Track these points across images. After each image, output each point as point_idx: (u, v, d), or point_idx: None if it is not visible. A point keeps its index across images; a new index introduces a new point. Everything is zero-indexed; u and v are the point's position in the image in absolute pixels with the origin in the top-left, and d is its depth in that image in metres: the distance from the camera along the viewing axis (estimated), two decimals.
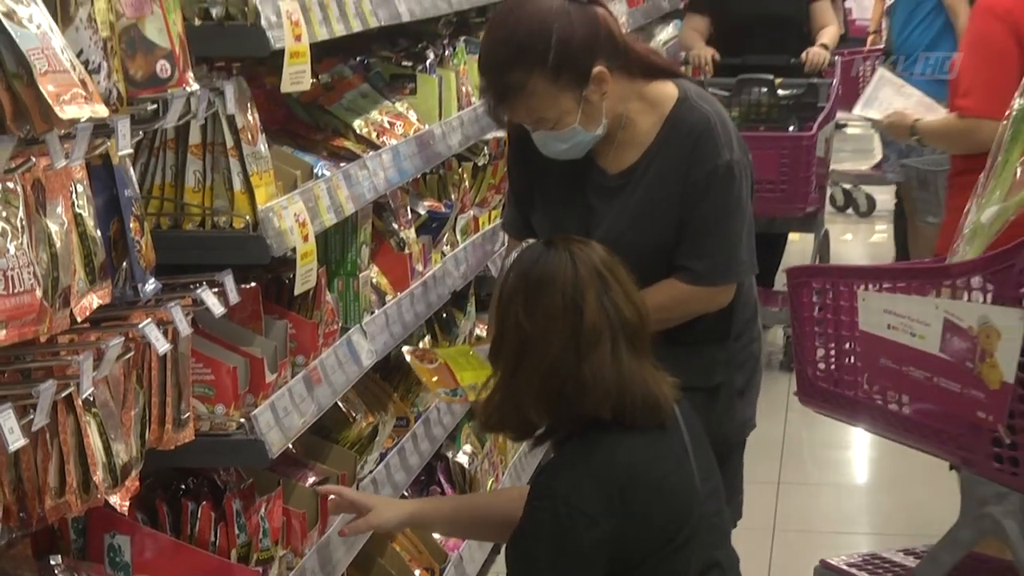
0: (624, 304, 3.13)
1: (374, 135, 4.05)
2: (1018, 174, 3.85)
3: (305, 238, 3.34)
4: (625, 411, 3.11)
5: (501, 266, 3.44)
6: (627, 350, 3.11)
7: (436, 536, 4.55)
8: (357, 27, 3.72)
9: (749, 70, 7.79)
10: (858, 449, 7.26)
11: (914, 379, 3.93)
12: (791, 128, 7.58)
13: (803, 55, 8.22)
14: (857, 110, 5.73)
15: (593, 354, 3.08)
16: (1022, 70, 4.77)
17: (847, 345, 4.20)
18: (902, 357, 3.95)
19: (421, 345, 4.57)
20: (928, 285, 3.94)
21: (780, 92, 7.58)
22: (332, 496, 3.44)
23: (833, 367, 4.28)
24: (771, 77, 7.63)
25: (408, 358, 3.85)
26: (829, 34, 8.37)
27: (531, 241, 3.44)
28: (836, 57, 8.37)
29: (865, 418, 4.28)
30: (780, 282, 8.61)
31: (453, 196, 4.85)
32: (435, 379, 3.70)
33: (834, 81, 8.07)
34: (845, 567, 4.75)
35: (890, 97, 5.42)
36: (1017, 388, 3.68)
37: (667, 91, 3.59)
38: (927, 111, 5.33)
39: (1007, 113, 4.00)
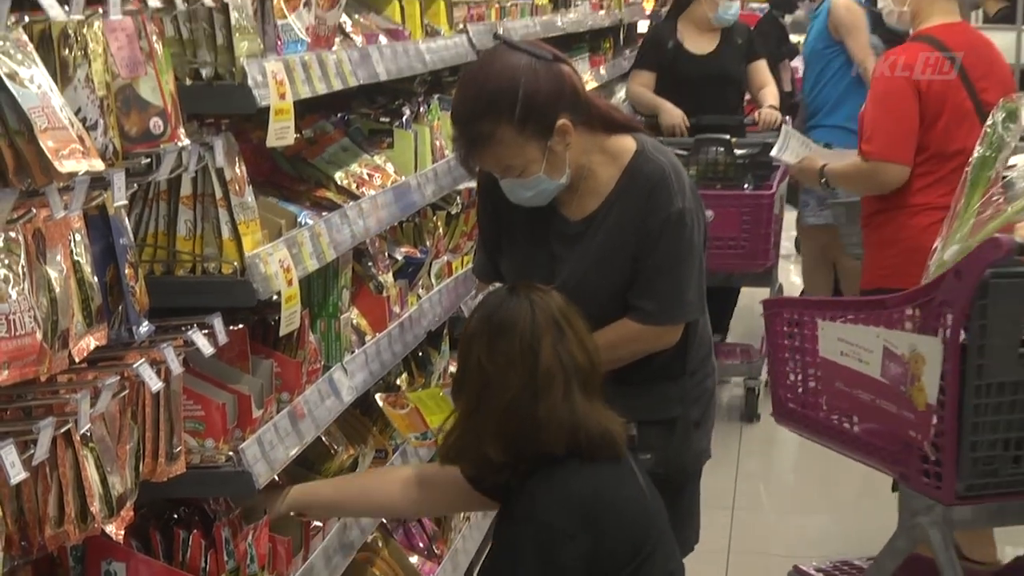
0: (577, 351, 3.19)
1: (354, 186, 4.05)
2: (977, 216, 4.02)
3: (289, 283, 3.33)
4: (581, 446, 3.16)
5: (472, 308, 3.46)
6: (579, 392, 3.17)
7: (413, 560, 4.54)
8: (338, 86, 3.72)
9: (703, 130, 7.71)
10: (808, 476, 7.28)
11: (862, 401, 4.18)
12: (746, 186, 7.47)
13: (756, 114, 8.20)
14: (773, 153, 5.79)
15: (548, 396, 3.14)
16: (920, 119, 5.04)
17: (811, 370, 4.46)
18: (853, 381, 4.20)
19: (398, 382, 4.57)
20: (872, 316, 4.16)
21: (736, 151, 7.48)
22: None
23: (800, 390, 4.55)
24: (728, 137, 7.53)
25: (381, 404, 3.87)
26: (773, 94, 8.36)
27: (497, 285, 3.46)
28: (787, 117, 8.35)
29: (825, 436, 4.52)
30: (735, 334, 8.65)
31: (428, 243, 4.84)
32: (406, 423, 3.71)
33: None
34: (814, 572, 5.10)
35: (797, 147, 5.52)
36: (939, 409, 3.90)
37: (626, 144, 3.61)
38: (835, 158, 5.44)
39: (968, 160, 4.17)
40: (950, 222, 4.22)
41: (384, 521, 4.40)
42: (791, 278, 10.45)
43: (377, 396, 3.94)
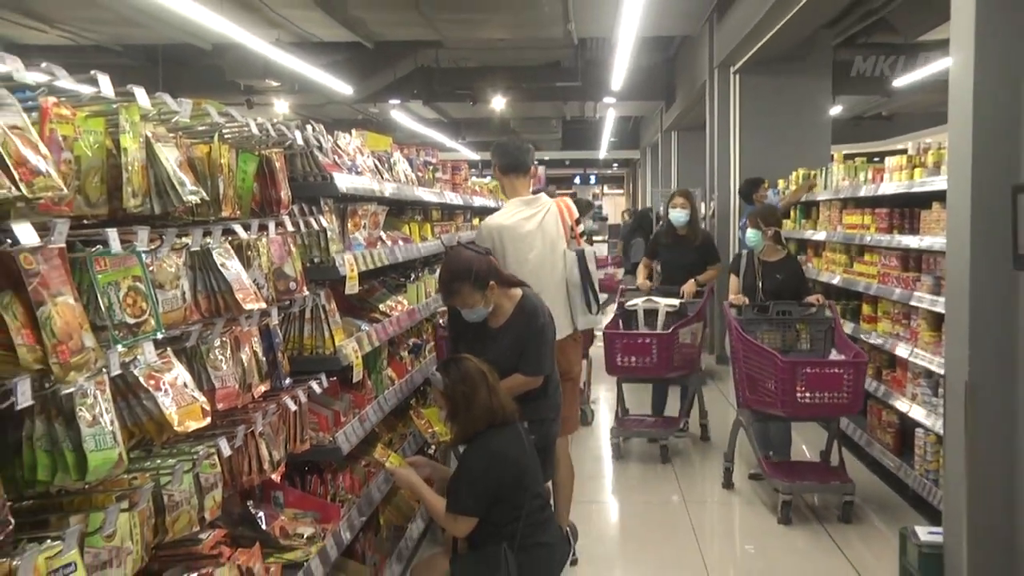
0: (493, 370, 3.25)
1: (388, 311, 4.06)
2: None
3: (357, 357, 3.34)
4: (502, 416, 3.16)
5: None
6: (500, 389, 3.21)
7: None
8: (379, 264, 3.75)
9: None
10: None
11: None
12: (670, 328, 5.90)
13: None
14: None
15: (495, 392, 3.18)
16: None
17: None
18: None
19: (413, 403, 4.55)
20: None
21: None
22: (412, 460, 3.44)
23: None
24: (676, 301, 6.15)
25: (411, 413, 3.87)
26: (707, 274, 6.45)
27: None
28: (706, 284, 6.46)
29: None
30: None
31: (423, 336, 4.85)
32: (422, 426, 3.69)
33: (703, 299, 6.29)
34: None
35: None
36: None
37: (517, 292, 3.66)
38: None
39: None
40: None
41: None
42: None
43: (410, 411, 3.96)
